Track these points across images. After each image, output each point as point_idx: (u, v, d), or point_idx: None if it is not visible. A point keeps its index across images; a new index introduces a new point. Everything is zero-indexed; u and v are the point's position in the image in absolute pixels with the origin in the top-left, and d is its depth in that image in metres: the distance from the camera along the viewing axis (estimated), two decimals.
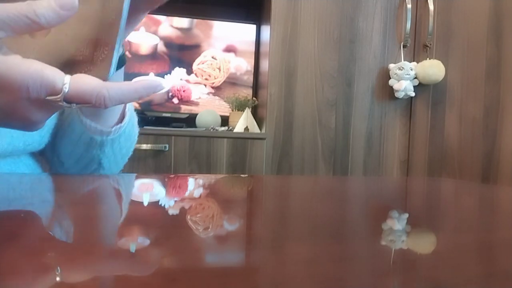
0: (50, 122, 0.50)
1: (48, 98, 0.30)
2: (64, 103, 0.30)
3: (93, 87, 0.31)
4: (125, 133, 0.51)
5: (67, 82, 0.30)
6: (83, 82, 0.31)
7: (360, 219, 0.27)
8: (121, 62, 0.40)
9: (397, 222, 0.26)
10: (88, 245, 0.17)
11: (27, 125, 0.33)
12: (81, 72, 0.32)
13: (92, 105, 0.31)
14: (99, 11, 0.34)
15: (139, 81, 0.33)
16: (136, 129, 0.56)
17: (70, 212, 0.25)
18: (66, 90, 0.30)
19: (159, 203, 0.29)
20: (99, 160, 0.51)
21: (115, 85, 0.32)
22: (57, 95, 0.30)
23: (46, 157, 0.55)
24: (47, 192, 0.34)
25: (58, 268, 0.14)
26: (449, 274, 0.15)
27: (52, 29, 0.34)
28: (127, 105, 0.51)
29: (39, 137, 0.48)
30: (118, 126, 0.49)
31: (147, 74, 1.57)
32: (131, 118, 0.52)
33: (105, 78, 0.32)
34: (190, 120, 1.57)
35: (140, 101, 1.55)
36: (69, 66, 0.33)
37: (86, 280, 0.13)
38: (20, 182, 0.36)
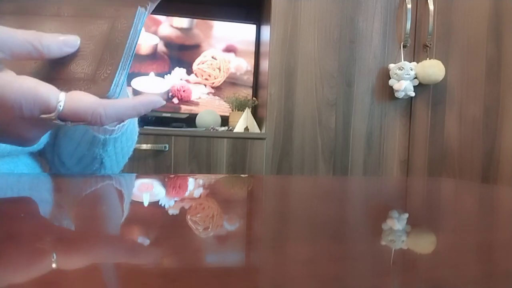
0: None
1: (42, 116, 0.29)
2: (59, 121, 0.30)
3: (89, 105, 0.30)
4: (127, 132, 0.51)
5: (61, 99, 0.29)
6: (78, 100, 0.30)
7: (360, 219, 0.27)
8: None
9: (397, 222, 0.26)
10: (88, 245, 0.17)
11: (22, 141, 0.32)
12: (80, 89, 0.31)
13: (88, 123, 0.30)
14: (107, 32, 0.34)
15: (137, 98, 0.32)
16: (137, 128, 0.56)
17: (69, 212, 0.25)
18: (61, 108, 0.29)
19: (159, 203, 0.29)
20: (101, 159, 0.51)
21: (112, 103, 0.31)
22: (51, 113, 0.29)
23: (46, 158, 0.55)
24: (46, 192, 0.34)
25: (58, 268, 0.14)
26: (449, 274, 0.15)
27: None
28: None
29: None
30: (121, 124, 0.49)
31: (147, 74, 1.57)
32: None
33: (104, 96, 0.31)
34: (190, 120, 1.57)
35: None
36: (69, 81, 0.32)
37: (85, 280, 0.13)
38: (19, 182, 0.36)
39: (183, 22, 1.61)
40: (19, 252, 0.16)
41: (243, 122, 1.45)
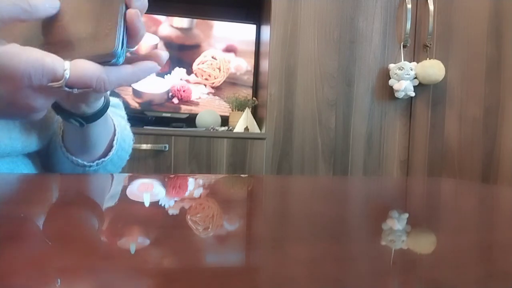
0: (51, 125, 0.50)
1: (50, 84, 0.31)
2: (66, 88, 0.31)
3: (93, 71, 0.32)
4: (113, 161, 0.52)
5: (67, 67, 0.31)
6: (83, 67, 0.31)
7: (360, 219, 0.27)
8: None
9: (397, 222, 0.26)
10: (88, 245, 0.17)
11: (30, 113, 0.34)
12: (86, 49, 0.33)
13: (93, 90, 0.32)
14: None
15: (137, 64, 0.34)
16: (128, 150, 0.56)
17: (69, 212, 0.25)
18: (67, 76, 0.31)
19: (159, 203, 0.29)
20: None
21: (114, 69, 0.33)
22: (59, 81, 0.31)
23: (42, 162, 0.56)
24: (46, 192, 0.34)
25: (57, 268, 0.14)
26: (449, 274, 0.15)
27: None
28: (116, 135, 0.51)
29: (37, 138, 0.48)
30: (101, 160, 0.50)
31: None
32: (120, 145, 0.52)
33: (110, 53, 0.32)
34: (190, 120, 1.57)
35: (140, 101, 1.55)
36: (72, 43, 0.33)
37: (86, 281, 0.13)
38: (19, 182, 0.36)
39: (183, 22, 1.61)
40: (19, 252, 0.16)
41: (243, 122, 1.45)
